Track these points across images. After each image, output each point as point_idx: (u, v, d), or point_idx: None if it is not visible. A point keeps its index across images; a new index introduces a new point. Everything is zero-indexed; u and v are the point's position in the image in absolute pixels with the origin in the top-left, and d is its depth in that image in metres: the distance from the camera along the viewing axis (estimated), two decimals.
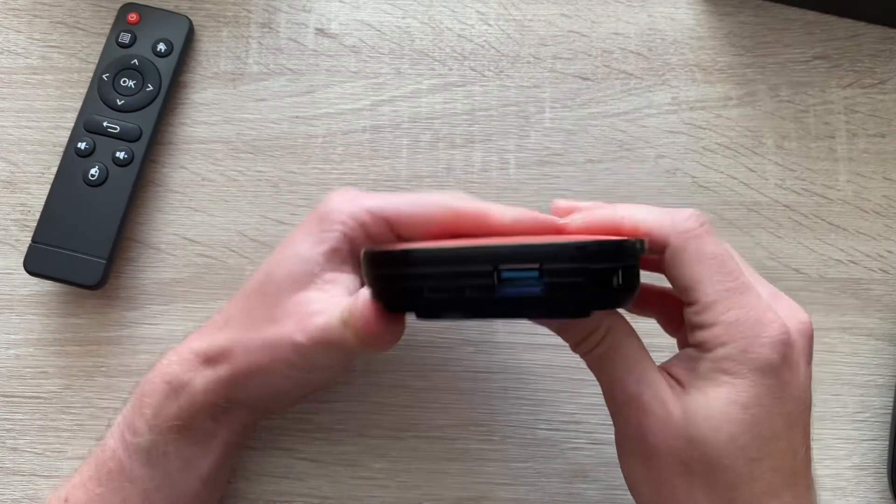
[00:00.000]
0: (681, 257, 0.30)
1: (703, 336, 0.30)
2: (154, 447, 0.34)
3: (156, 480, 0.34)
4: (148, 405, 0.34)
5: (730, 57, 0.47)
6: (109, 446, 0.35)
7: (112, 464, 0.34)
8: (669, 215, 0.31)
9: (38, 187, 0.45)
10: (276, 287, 0.33)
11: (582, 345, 0.31)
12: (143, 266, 0.44)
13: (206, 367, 0.34)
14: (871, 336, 0.43)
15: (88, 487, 0.34)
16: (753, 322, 0.29)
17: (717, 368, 0.29)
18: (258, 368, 0.33)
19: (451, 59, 0.47)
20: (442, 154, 0.46)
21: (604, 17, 0.48)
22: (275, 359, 0.32)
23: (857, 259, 0.44)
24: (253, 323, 0.33)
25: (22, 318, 0.44)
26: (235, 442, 0.37)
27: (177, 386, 0.34)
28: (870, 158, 0.45)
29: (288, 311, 0.32)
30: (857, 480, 0.42)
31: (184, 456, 0.34)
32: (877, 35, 0.47)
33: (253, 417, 0.37)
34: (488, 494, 0.41)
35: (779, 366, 0.29)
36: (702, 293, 0.30)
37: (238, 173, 0.45)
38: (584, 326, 0.30)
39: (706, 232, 0.30)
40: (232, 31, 0.48)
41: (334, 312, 0.31)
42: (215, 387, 0.33)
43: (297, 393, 0.37)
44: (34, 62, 0.47)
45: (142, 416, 0.34)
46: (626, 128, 0.46)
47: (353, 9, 0.48)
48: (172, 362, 0.34)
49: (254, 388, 0.34)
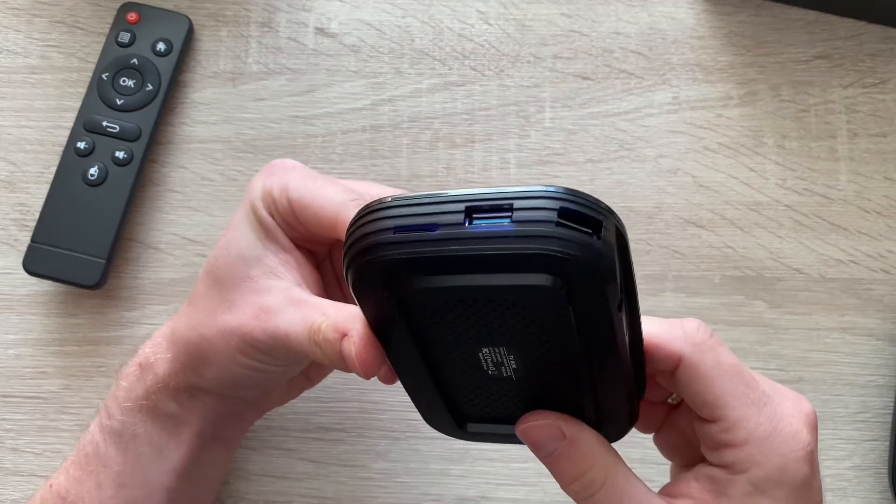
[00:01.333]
0: (699, 371, 0.28)
1: (733, 456, 0.28)
2: (124, 429, 0.34)
3: (128, 464, 0.34)
4: (122, 388, 0.35)
5: (731, 56, 0.47)
6: (90, 430, 0.36)
7: (90, 447, 0.35)
8: (678, 327, 0.29)
9: (38, 187, 0.45)
10: (228, 271, 0.33)
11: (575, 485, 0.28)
12: (143, 266, 0.44)
13: (169, 348, 0.34)
14: (872, 336, 0.43)
15: (70, 472, 0.35)
16: (785, 437, 0.28)
17: (755, 491, 0.27)
18: (211, 353, 0.33)
19: (452, 59, 0.47)
20: (442, 154, 0.46)
21: (604, 16, 0.48)
22: (229, 346, 0.32)
23: (858, 259, 0.44)
24: (210, 306, 0.33)
25: (21, 318, 0.44)
26: (210, 435, 0.36)
27: (145, 366, 0.35)
28: (871, 158, 0.45)
29: (245, 300, 0.32)
30: (858, 481, 0.42)
31: (153, 441, 0.35)
32: (878, 35, 0.47)
33: (226, 409, 0.36)
34: (488, 494, 0.41)
35: (811, 476, 0.28)
36: (728, 409, 0.28)
37: (237, 173, 0.45)
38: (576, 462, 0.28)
39: (718, 343, 0.29)
40: (231, 31, 0.47)
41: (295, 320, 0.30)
42: (174, 368, 0.34)
43: (267, 387, 0.37)
44: (33, 62, 0.47)
45: (115, 398, 0.35)
46: (627, 127, 0.46)
47: (353, 8, 0.48)
48: (146, 345, 0.35)
49: (210, 373, 0.34)
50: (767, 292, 0.44)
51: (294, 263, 0.33)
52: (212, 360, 0.33)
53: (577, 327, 0.23)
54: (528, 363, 0.26)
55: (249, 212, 0.33)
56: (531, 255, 0.21)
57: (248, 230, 0.33)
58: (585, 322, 0.23)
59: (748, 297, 0.43)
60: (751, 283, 0.44)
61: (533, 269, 0.22)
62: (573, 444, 0.27)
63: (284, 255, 0.33)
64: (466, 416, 0.30)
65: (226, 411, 0.36)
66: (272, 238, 0.33)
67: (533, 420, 0.28)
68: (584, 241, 0.21)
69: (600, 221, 0.22)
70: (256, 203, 0.33)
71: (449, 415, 0.30)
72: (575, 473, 0.28)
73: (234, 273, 0.33)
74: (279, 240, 0.33)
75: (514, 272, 0.22)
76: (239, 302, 0.32)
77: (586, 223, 0.22)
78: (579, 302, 0.22)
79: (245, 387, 0.36)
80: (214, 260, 0.34)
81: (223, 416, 0.37)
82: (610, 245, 0.22)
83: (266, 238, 0.33)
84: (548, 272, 0.22)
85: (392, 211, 0.23)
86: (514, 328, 0.24)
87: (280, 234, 0.33)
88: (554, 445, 0.28)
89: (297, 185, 0.32)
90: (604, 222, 0.22)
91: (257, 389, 0.37)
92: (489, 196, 0.22)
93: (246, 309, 0.32)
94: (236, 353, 0.32)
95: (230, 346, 0.32)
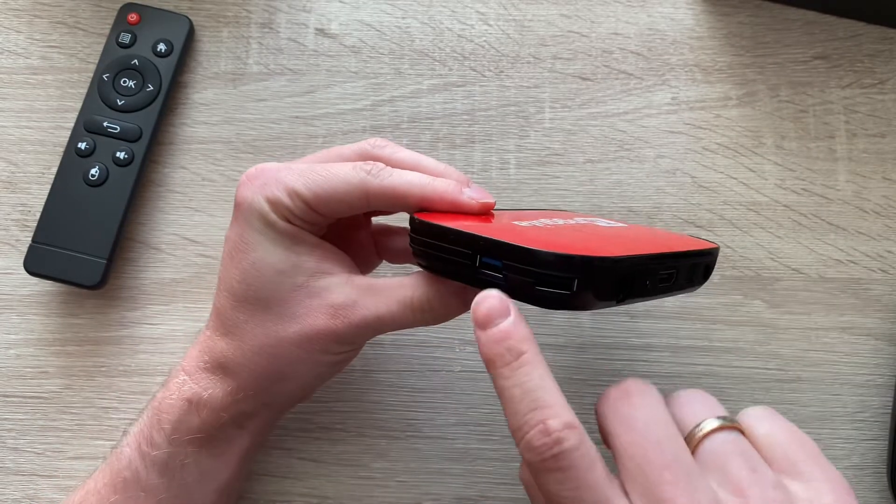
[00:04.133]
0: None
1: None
2: (172, 459, 0.34)
3: (171, 491, 0.34)
4: (167, 420, 0.34)
5: (729, 57, 0.47)
6: (126, 455, 0.35)
7: (128, 473, 0.34)
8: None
9: (39, 187, 0.45)
10: (269, 290, 0.33)
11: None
12: (144, 266, 0.44)
13: (224, 380, 0.34)
14: (871, 336, 0.43)
15: (103, 494, 0.34)
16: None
17: None
18: (291, 368, 0.33)
19: (451, 60, 0.47)
20: (442, 154, 0.46)
21: (603, 17, 0.48)
22: (312, 351, 0.33)
23: (857, 259, 0.44)
24: (264, 329, 0.33)
25: (22, 318, 0.44)
26: (257, 445, 0.37)
27: (197, 403, 0.34)
28: (869, 158, 0.46)
29: (307, 305, 0.32)
30: (857, 480, 0.42)
31: (202, 467, 0.34)
32: (876, 35, 0.47)
33: (277, 417, 0.37)
34: (488, 494, 0.41)
35: None
36: None
37: (238, 173, 0.46)
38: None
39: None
40: (232, 32, 0.48)
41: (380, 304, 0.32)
42: (240, 397, 0.34)
43: (322, 380, 0.37)
44: (34, 62, 0.47)
45: (161, 430, 0.34)
46: (626, 128, 0.46)
47: (353, 9, 0.48)
48: (186, 381, 0.34)
49: (288, 387, 0.34)
50: (766, 292, 0.44)
51: (331, 254, 0.34)
52: (290, 374, 0.33)
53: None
54: None
55: (263, 227, 0.33)
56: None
57: (271, 245, 0.33)
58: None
59: (747, 297, 0.44)
60: (749, 282, 0.44)
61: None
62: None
63: (319, 252, 0.33)
64: None
65: (276, 419, 0.37)
66: (300, 241, 0.33)
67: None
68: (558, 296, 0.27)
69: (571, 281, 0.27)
70: (269, 217, 0.33)
71: None
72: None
73: (279, 289, 0.32)
74: (307, 240, 0.33)
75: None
76: (300, 311, 0.32)
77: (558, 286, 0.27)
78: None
79: (313, 386, 0.36)
80: (246, 286, 0.33)
81: (271, 426, 0.37)
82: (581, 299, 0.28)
83: (294, 244, 0.33)
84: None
85: None
86: None
87: (305, 234, 0.33)
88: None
89: (303, 184, 0.33)
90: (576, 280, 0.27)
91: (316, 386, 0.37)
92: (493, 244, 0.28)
93: (315, 313, 0.32)
94: (320, 356, 0.33)
95: (312, 352, 0.32)
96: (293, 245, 0.33)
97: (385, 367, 0.43)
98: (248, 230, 0.33)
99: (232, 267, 0.33)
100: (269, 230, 0.33)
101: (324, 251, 0.34)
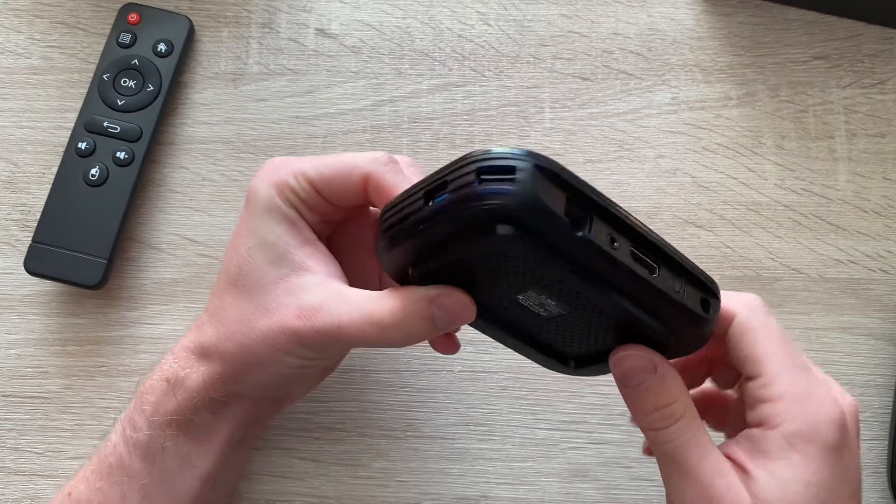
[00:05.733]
0: (748, 327, 0.31)
1: (767, 410, 0.30)
2: (152, 442, 0.34)
3: (154, 476, 0.34)
4: (148, 402, 0.34)
5: (729, 57, 0.47)
6: (112, 441, 0.35)
7: (113, 458, 0.35)
8: (735, 295, 0.32)
9: (39, 187, 0.45)
10: (255, 277, 0.33)
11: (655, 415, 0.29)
12: (144, 266, 0.44)
13: (201, 362, 0.34)
14: (871, 336, 0.43)
15: (90, 481, 0.35)
16: (818, 400, 0.29)
17: (787, 445, 0.29)
18: (256, 360, 0.33)
19: (451, 60, 0.47)
20: (442, 154, 0.46)
21: (603, 17, 0.48)
22: (276, 348, 0.32)
23: (857, 259, 0.44)
24: (243, 316, 0.33)
25: (22, 318, 0.44)
26: (238, 438, 0.37)
27: (174, 382, 0.34)
28: (869, 158, 0.46)
29: (281, 301, 0.32)
30: None
31: (181, 452, 0.35)
32: (876, 35, 0.47)
33: (256, 411, 0.37)
34: (488, 494, 0.41)
35: (841, 446, 0.29)
36: (768, 366, 0.30)
37: (238, 173, 0.46)
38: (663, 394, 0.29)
39: (770, 313, 0.31)
40: (232, 32, 0.48)
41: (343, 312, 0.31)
42: (211, 381, 0.34)
43: (299, 383, 0.37)
44: (35, 62, 0.47)
45: (142, 412, 0.34)
46: (626, 128, 0.46)
47: (354, 9, 0.48)
48: (169, 360, 0.35)
49: (252, 379, 0.34)
50: (766, 292, 0.44)
51: (319, 254, 0.33)
52: (256, 366, 0.33)
53: (555, 256, 0.25)
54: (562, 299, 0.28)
55: (263, 213, 0.33)
56: (470, 217, 0.25)
57: (268, 232, 0.33)
58: (557, 249, 0.25)
59: None
60: (749, 282, 0.44)
61: (477, 228, 0.25)
62: (662, 379, 0.29)
63: (309, 249, 0.33)
64: (567, 356, 0.33)
65: (256, 413, 0.37)
66: (296, 233, 0.33)
67: (626, 350, 0.29)
68: (501, 189, 0.25)
69: (513, 167, 0.25)
70: (275, 201, 0.33)
71: (550, 359, 0.33)
72: (657, 405, 0.29)
73: (264, 277, 0.33)
74: (303, 233, 0.33)
75: (470, 234, 0.26)
76: (274, 305, 0.32)
77: (501, 172, 0.25)
78: (534, 235, 0.25)
79: (288, 385, 0.36)
80: (237, 269, 0.33)
81: (252, 419, 0.37)
82: (525, 181, 0.25)
83: (289, 233, 0.33)
84: (487, 225, 0.25)
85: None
86: (516, 274, 0.27)
87: (304, 227, 0.33)
88: (643, 377, 0.29)
89: (311, 166, 0.33)
90: (517, 165, 0.25)
91: (298, 386, 0.37)
92: (435, 178, 0.27)
93: (285, 310, 0.32)
94: (283, 355, 0.32)
95: (276, 349, 0.32)
96: (288, 233, 0.33)
97: (385, 367, 0.43)
98: (251, 217, 0.33)
99: (231, 251, 0.34)
100: (269, 216, 0.33)
101: (314, 249, 0.34)
